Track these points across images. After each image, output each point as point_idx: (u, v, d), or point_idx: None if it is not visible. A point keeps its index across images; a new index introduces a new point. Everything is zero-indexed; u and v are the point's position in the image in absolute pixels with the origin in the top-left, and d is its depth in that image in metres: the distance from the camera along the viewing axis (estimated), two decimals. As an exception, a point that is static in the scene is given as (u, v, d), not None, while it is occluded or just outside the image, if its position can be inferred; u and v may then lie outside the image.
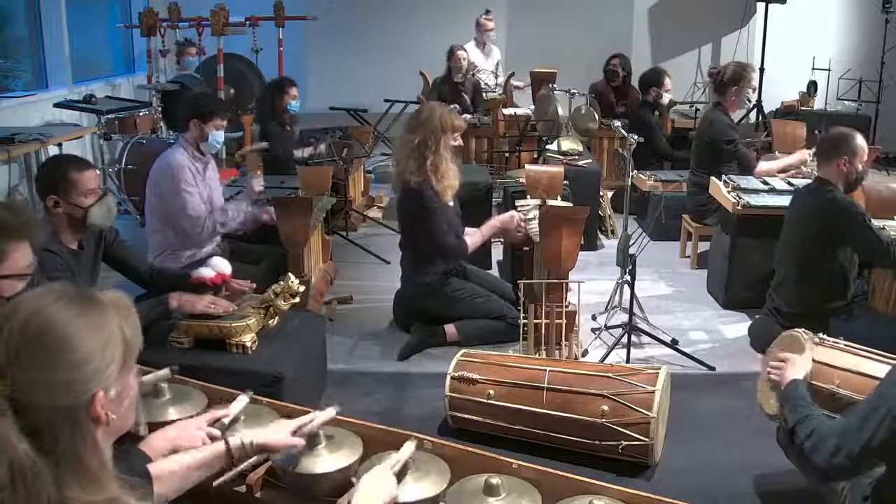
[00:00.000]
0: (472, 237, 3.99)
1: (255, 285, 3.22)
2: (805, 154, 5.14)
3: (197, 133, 3.89)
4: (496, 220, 4.11)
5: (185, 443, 1.80)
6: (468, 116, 6.77)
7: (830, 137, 3.77)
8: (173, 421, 2.11)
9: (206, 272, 3.16)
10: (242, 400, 2.07)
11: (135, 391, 1.31)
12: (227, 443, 1.75)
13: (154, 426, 2.01)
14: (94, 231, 3.09)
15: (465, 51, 7.41)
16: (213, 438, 1.84)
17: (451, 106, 5.76)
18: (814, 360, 2.49)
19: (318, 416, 1.94)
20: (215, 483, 1.81)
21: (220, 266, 3.19)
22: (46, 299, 1.20)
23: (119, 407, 1.25)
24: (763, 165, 5.05)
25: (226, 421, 1.95)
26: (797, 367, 2.40)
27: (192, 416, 2.03)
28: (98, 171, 3.11)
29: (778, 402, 2.43)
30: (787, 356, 2.46)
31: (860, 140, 3.64)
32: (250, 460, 1.83)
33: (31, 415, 1.13)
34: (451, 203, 4.00)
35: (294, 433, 1.86)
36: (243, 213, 4.01)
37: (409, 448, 1.89)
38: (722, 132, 4.95)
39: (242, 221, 4.06)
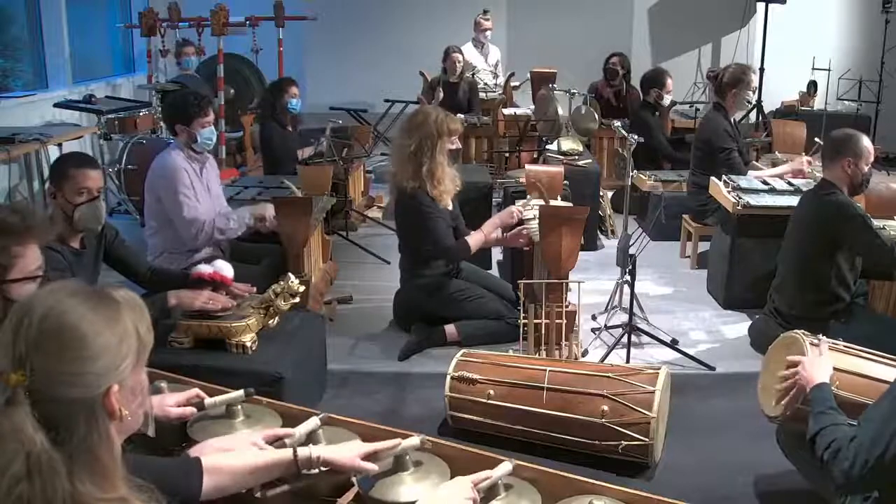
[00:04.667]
0: (475, 236, 3.97)
1: (255, 289, 3.21)
2: (802, 162, 5.09)
3: (185, 137, 3.87)
4: (496, 218, 4.11)
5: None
6: (462, 116, 6.78)
7: (834, 138, 3.75)
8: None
9: (204, 268, 3.16)
10: (312, 421, 1.99)
11: (146, 389, 1.33)
12: (294, 452, 1.74)
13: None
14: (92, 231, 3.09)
15: (461, 53, 7.42)
16: None
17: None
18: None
19: (403, 443, 1.86)
20: (271, 492, 1.77)
21: (223, 269, 3.18)
22: (62, 294, 1.22)
23: (132, 403, 1.27)
24: (753, 174, 4.98)
25: (288, 441, 1.89)
26: (821, 369, 2.32)
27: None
28: (100, 173, 3.07)
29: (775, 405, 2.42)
30: (800, 360, 2.39)
31: (865, 142, 3.61)
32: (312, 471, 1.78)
33: (48, 406, 1.15)
34: (450, 207, 4.00)
35: (368, 458, 1.80)
36: (245, 224, 3.95)
37: (504, 468, 1.79)
38: (718, 138, 4.94)
39: (242, 232, 4.01)
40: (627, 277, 3.87)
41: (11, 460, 1.10)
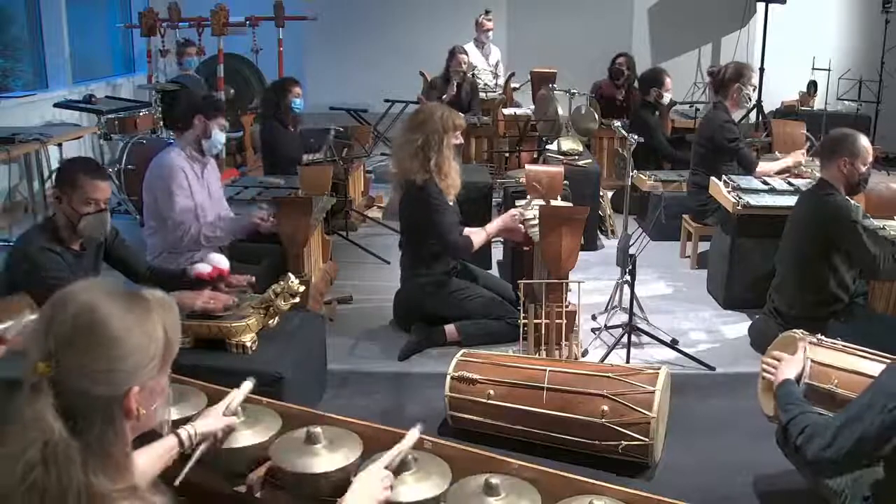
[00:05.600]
0: (477, 235, 3.99)
1: (253, 278, 3.21)
2: (800, 155, 5.17)
3: (201, 130, 3.88)
4: (499, 220, 4.11)
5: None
6: (463, 116, 6.76)
7: (831, 138, 3.76)
8: (174, 422, 2.12)
9: (203, 267, 3.16)
10: (246, 386, 2.09)
11: (166, 390, 1.34)
12: (177, 435, 1.84)
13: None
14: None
15: (466, 54, 7.42)
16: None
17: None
18: (812, 361, 2.50)
19: (237, 393, 2.05)
20: (178, 481, 1.84)
21: (218, 261, 3.18)
22: (97, 292, 1.23)
23: (150, 403, 1.28)
24: (762, 166, 5.07)
25: (233, 406, 2.02)
26: (789, 367, 2.43)
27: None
28: (109, 184, 3.04)
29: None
30: (781, 356, 2.48)
31: (863, 141, 3.60)
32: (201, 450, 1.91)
33: (69, 399, 1.17)
34: (452, 203, 4.01)
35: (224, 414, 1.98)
36: (232, 234, 3.95)
37: (412, 438, 1.89)
38: (724, 130, 4.96)
39: (230, 239, 4.01)
40: (627, 277, 3.86)
41: (28, 446, 1.13)
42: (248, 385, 2.08)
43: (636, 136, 4.20)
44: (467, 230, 4.03)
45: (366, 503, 1.68)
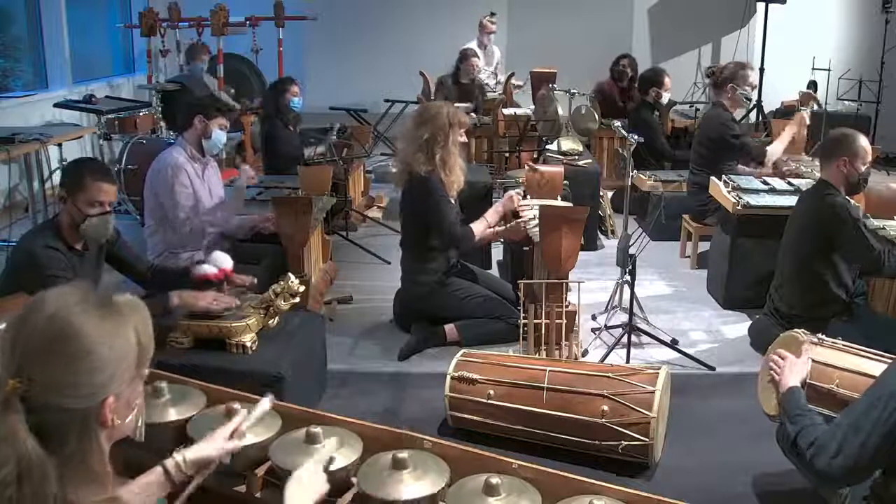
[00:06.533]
0: (478, 224, 3.99)
1: (255, 279, 3.21)
2: (803, 114, 5.18)
3: (201, 129, 3.89)
4: (498, 204, 4.12)
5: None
6: (473, 115, 6.78)
7: (830, 138, 3.77)
8: (174, 421, 2.12)
9: (209, 269, 3.15)
10: (264, 404, 1.93)
11: (141, 397, 1.32)
12: (163, 466, 1.65)
13: (154, 427, 2.01)
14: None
15: (479, 57, 7.44)
16: None
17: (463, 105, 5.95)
18: (813, 360, 2.50)
19: (254, 412, 1.87)
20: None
21: (221, 261, 3.18)
22: (68, 301, 1.20)
23: (126, 412, 1.26)
24: (771, 150, 5.06)
25: (244, 427, 1.83)
26: (794, 373, 2.39)
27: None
28: (115, 187, 3.04)
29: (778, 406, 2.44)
30: (787, 354, 2.46)
31: (862, 141, 3.60)
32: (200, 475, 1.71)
33: (41, 414, 1.14)
34: (452, 202, 4.01)
35: (230, 437, 1.78)
36: (234, 216, 3.96)
37: (263, 406, 1.85)
38: (727, 128, 4.97)
39: (237, 225, 4.04)
40: (627, 277, 3.86)
41: (2, 465, 1.10)
42: (266, 403, 1.89)
43: (636, 136, 4.20)
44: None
45: (309, 498, 1.58)
